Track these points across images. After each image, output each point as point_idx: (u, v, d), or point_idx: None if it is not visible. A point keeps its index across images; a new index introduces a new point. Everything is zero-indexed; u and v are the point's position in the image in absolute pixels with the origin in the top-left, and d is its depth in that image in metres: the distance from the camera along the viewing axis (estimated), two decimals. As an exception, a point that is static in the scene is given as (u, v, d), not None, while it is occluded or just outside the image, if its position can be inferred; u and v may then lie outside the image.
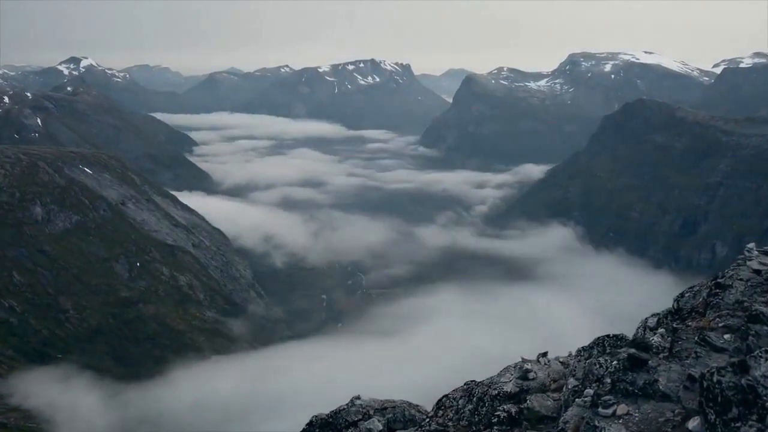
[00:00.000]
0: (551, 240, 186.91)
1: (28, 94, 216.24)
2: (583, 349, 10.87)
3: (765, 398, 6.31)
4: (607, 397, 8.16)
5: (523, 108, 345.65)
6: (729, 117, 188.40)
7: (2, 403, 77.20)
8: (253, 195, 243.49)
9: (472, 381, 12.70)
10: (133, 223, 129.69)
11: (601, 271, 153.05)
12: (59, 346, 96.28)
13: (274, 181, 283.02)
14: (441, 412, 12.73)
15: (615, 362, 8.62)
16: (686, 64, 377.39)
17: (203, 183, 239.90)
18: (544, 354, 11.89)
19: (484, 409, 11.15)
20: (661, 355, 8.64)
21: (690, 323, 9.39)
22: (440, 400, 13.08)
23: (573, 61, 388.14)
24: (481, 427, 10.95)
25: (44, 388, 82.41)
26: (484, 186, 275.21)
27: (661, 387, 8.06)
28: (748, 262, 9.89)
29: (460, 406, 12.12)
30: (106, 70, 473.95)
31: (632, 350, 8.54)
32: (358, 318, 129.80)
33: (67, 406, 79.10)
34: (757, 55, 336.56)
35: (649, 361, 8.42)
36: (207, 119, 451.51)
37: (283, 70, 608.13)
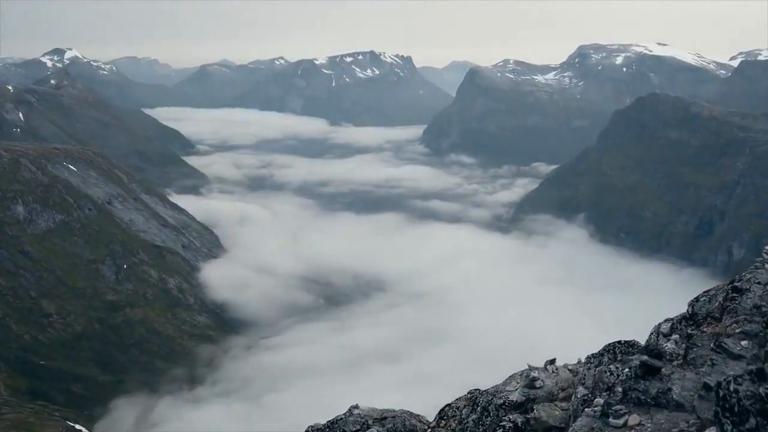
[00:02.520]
0: (570, 243, 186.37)
1: (10, 88, 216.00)
2: (593, 356, 10.87)
3: (784, 408, 6.29)
4: (618, 407, 8.15)
5: (529, 102, 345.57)
6: (747, 112, 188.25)
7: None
8: (247, 194, 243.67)
9: (476, 389, 12.70)
10: (119, 223, 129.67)
11: (643, 278, 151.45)
12: (42, 352, 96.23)
13: (269, 179, 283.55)
14: (443, 422, 12.73)
15: (626, 370, 8.61)
16: (702, 57, 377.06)
17: (194, 181, 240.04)
18: (552, 361, 11.88)
19: (489, 419, 11.14)
20: (675, 363, 8.63)
21: (705, 329, 9.37)
22: (443, 409, 13.08)
23: (582, 53, 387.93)
24: (486, 438, 10.94)
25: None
26: (489, 184, 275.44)
27: (675, 396, 8.05)
28: (767, 265, 9.87)
29: (463, 416, 12.12)
30: (92, 63, 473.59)
31: (645, 357, 8.53)
32: (361, 329, 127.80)
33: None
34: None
35: (663, 369, 8.41)
36: (198, 113, 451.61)
37: (277, 62, 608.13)
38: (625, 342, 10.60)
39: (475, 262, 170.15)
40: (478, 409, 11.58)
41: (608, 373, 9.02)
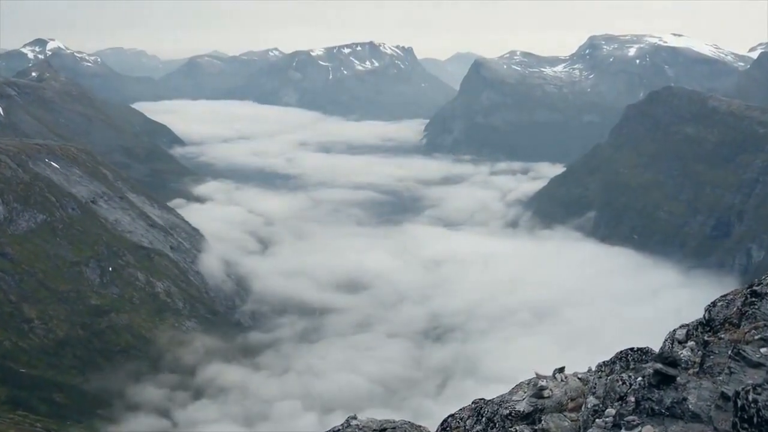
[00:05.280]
0: (580, 244, 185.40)
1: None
2: (605, 364, 10.88)
3: (806, 419, 6.29)
4: (631, 418, 8.15)
5: (537, 96, 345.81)
6: (766, 107, 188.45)
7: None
8: (240, 193, 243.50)
9: (480, 399, 12.71)
10: (104, 224, 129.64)
11: (657, 282, 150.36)
12: (22, 359, 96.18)
13: (263, 178, 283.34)
14: (446, 433, 12.73)
15: (639, 379, 8.61)
16: (719, 48, 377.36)
17: (183, 179, 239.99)
18: (561, 369, 11.89)
19: (494, 430, 11.14)
20: (690, 371, 8.64)
21: (723, 335, 9.38)
22: (446, 420, 13.10)
23: (593, 44, 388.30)
24: (491, 451, 10.94)
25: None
26: (494, 183, 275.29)
27: (690, 406, 8.05)
28: (788, 268, 9.88)
29: (467, 427, 12.13)
30: (76, 54, 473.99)
31: (659, 365, 8.53)
32: (362, 359, 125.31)
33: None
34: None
35: (678, 378, 8.41)
36: (188, 107, 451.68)
37: (271, 53, 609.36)
38: (638, 349, 10.61)
39: (486, 271, 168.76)
40: (483, 419, 11.59)
41: (620, 382, 9.02)
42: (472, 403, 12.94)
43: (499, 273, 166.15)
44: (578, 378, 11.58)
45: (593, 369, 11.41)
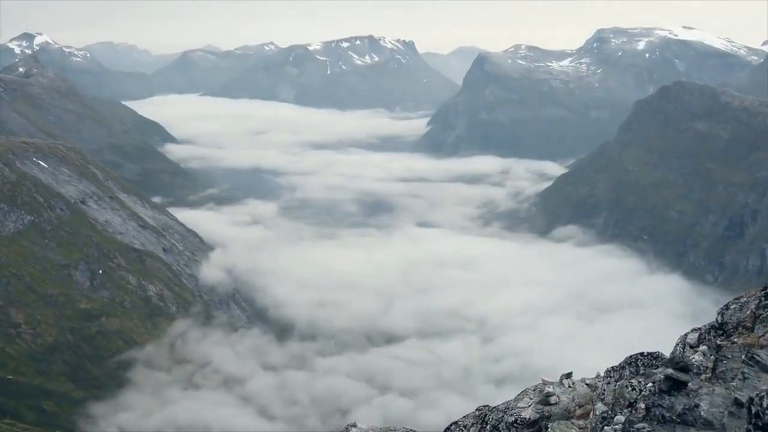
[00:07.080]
0: (587, 246, 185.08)
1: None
2: (614, 369, 10.88)
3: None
4: (641, 425, 8.16)
5: (543, 92, 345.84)
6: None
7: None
8: (234, 193, 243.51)
9: (485, 406, 12.71)
10: (94, 225, 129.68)
11: (668, 285, 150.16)
12: (10, 365, 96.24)
13: (258, 176, 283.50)
14: (449, 441, 12.73)
15: (650, 384, 8.62)
16: (732, 41, 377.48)
17: (176, 178, 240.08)
18: (568, 375, 11.88)
19: (499, 438, 11.13)
20: (702, 377, 8.64)
21: (736, 340, 9.38)
22: (449, 427, 13.10)
23: (601, 37, 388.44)
24: (496, 460, 10.94)
25: None
26: (498, 181, 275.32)
27: (702, 413, 8.05)
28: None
29: (471, 435, 12.11)
30: (64, 49, 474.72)
31: (670, 371, 8.53)
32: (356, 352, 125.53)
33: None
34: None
35: (689, 384, 8.41)
36: (180, 104, 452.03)
37: (267, 48, 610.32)
38: (649, 354, 10.61)
39: (487, 271, 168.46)
40: (488, 427, 11.59)
41: (630, 388, 9.03)
42: (476, 410, 12.95)
43: (499, 274, 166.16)
44: (586, 384, 11.58)
45: (602, 374, 11.41)
